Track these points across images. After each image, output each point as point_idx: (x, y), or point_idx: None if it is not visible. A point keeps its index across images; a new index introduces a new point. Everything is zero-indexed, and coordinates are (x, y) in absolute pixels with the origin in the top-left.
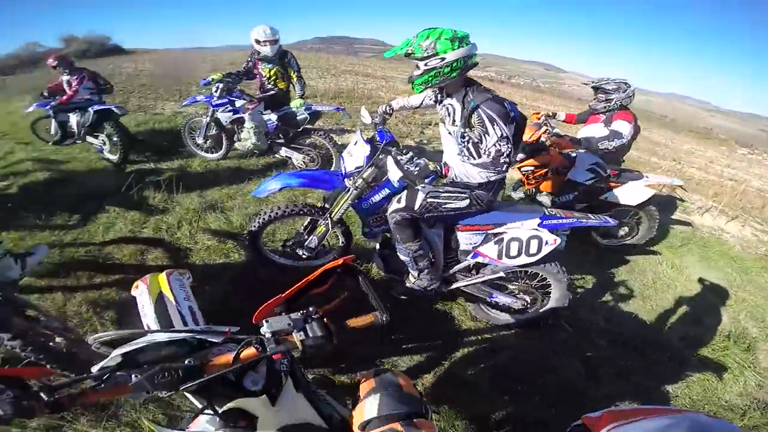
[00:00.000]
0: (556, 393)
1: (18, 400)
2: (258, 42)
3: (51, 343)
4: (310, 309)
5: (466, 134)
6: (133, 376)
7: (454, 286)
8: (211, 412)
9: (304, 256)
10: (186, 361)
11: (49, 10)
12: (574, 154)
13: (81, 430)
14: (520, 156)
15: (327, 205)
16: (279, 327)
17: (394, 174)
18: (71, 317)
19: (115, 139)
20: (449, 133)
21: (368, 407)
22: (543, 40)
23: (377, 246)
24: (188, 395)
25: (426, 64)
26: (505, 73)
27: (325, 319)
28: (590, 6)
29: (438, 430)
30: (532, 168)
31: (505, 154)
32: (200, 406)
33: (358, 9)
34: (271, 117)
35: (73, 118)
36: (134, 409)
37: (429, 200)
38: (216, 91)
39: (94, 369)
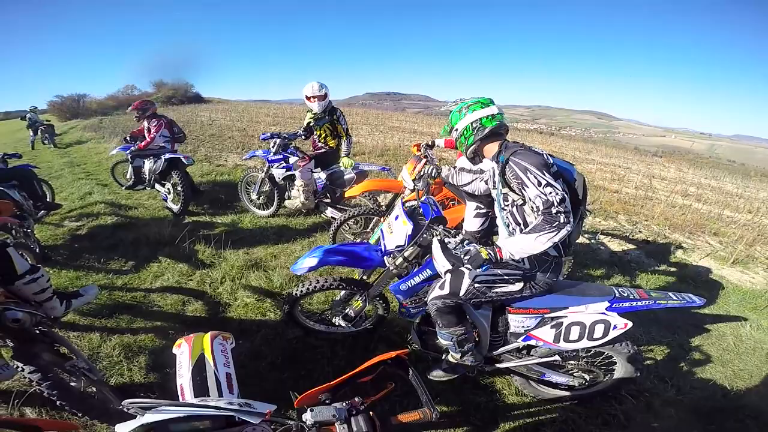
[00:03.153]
0: None
1: None
2: (308, 98)
3: (72, 383)
4: (356, 399)
5: (508, 195)
6: None
7: (500, 366)
8: None
9: (340, 326)
10: None
11: (149, 55)
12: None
13: None
14: (407, 192)
15: (365, 278)
16: (323, 418)
17: (441, 265)
18: (102, 358)
19: (179, 189)
20: (494, 199)
21: None
22: (594, 88)
23: (416, 322)
24: None
25: (453, 136)
26: (555, 124)
27: (371, 413)
28: (639, 50)
29: None
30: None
31: (555, 202)
32: None
33: (406, 65)
34: (321, 175)
35: (147, 165)
36: None
37: (476, 285)
38: (273, 147)
39: (118, 428)
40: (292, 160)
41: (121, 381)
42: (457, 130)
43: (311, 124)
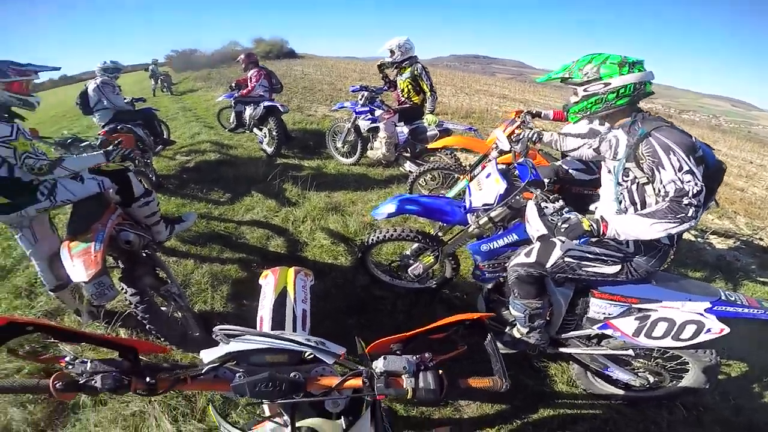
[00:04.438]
0: None
1: (120, 375)
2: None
3: (162, 308)
4: (426, 355)
5: (630, 171)
6: (237, 375)
7: (564, 350)
8: (281, 423)
9: (406, 279)
10: (292, 374)
11: (250, 13)
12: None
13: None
14: (495, 153)
15: (440, 234)
16: (393, 368)
17: (535, 228)
18: (192, 285)
19: (274, 133)
20: (609, 171)
21: None
22: (732, 72)
23: (486, 288)
24: (267, 402)
25: (585, 90)
26: (677, 106)
27: (440, 371)
28: None
29: None
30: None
31: (690, 194)
32: (269, 413)
33: (498, 26)
34: (404, 130)
35: (248, 111)
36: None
37: (567, 259)
38: (361, 99)
39: (203, 354)
40: (378, 112)
41: (204, 308)
42: (608, 84)
43: (394, 78)
